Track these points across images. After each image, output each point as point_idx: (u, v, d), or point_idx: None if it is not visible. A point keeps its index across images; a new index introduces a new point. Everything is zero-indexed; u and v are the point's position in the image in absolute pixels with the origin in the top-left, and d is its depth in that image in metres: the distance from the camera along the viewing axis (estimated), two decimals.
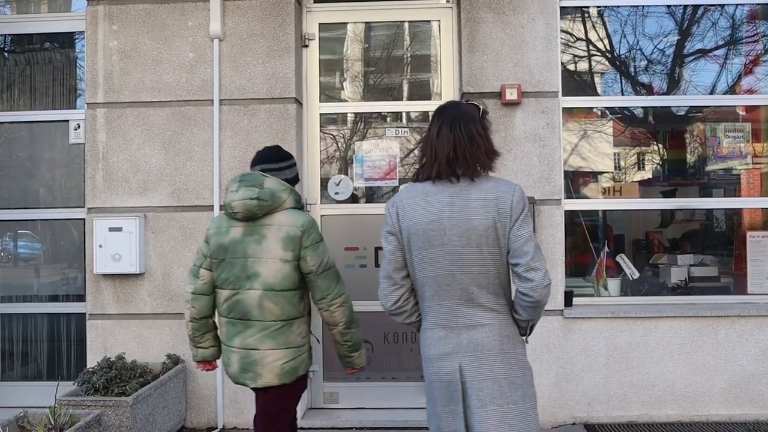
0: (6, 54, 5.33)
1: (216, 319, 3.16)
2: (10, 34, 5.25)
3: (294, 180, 3.18)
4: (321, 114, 5.01)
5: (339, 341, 3.08)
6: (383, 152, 4.93)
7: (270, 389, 2.97)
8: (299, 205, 3.06)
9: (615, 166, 5.47)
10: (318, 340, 3.61)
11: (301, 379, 3.05)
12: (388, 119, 4.98)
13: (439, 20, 4.95)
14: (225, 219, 3.03)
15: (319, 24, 4.99)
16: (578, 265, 5.07)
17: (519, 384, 2.41)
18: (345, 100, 5.15)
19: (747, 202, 5.12)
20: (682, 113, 5.37)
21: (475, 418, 2.35)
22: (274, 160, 3.12)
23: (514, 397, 2.39)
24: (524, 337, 2.51)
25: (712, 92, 5.17)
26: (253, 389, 3.01)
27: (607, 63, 5.34)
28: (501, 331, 2.41)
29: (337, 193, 4.98)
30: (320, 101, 5.01)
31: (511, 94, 4.60)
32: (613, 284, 4.96)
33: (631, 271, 5.01)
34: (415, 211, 2.42)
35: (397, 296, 2.51)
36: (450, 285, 2.39)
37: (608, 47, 5.27)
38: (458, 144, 2.44)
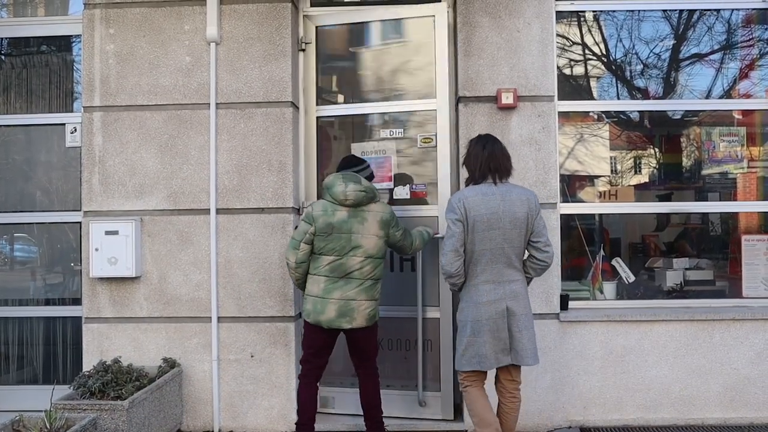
0: (3, 57, 5.34)
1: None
2: (6, 38, 5.26)
3: (371, 177, 4.23)
4: (318, 117, 5.00)
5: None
6: (379, 154, 4.92)
7: (359, 330, 4.02)
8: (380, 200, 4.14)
9: (611, 170, 5.49)
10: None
11: (378, 322, 4.14)
12: (386, 121, 4.97)
13: (434, 18, 4.93)
14: (328, 204, 3.99)
15: (316, 27, 4.99)
16: (574, 268, 5.08)
17: (531, 316, 3.76)
18: (341, 103, 5.15)
19: (742, 206, 5.13)
20: (678, 117, 5.39)
21: (515, 339, 3.65)
22: (356, 164, 4.21)
23: (531, 324, 3.74)
24: None
25: (707, 96, 5.18)
26: (347, 330, 4.00)
27: (603, 67, 5.36)
28: (523, 284, 3.76)
29: None
30: (317, 104, 5.01)
31: (506, 98, 4.61)
32: (609, 288, 4.97)
33: (627, 275, 5.02)
34: (480, 205, 3.62)
35: (459, 264, 3.66)
36: (500, 254, 3.65)
37: (604, 51, 5.29)
38: (500, 159, 3.76)
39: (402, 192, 4.85)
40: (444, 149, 4.70)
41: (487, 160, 3.72)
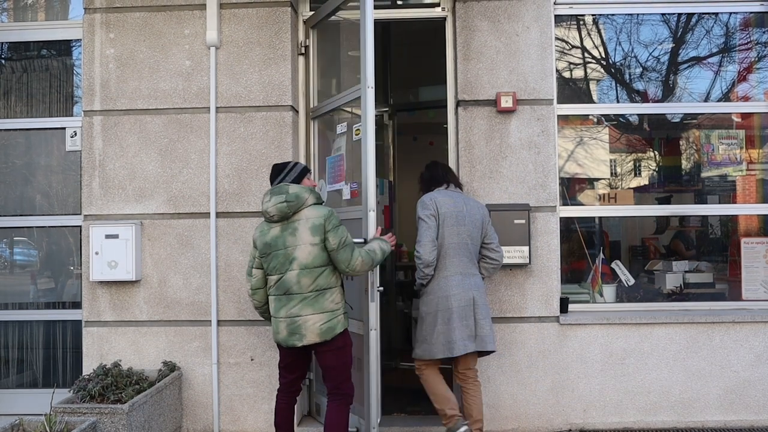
0: (3, 61, 5.35)
1: None
2: (7, 42, 5.26)
3: (300, 176, 3.88)
4: (318, 120, 5.00)
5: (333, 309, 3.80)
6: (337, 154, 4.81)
7: (318, 347, 3.74)
8: (320, 201, 3.82)
9: (610, 173, 5.50)
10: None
11: (341, 336, 3.76)
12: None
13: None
14: (265, 224, 3.82)
15: (316, 31, 5.00)
16: (574, 271, 5.09)
17: (489, 307, 4.19)
18: (340, 107, 5.15)
19: (742, 209, 5.14)
20: (677, 120, 5.40)
21: (480, 326, 4.04)
22: (279, 172, 3.90)
23: (489, 314, 4.15)
24: None
25: (706, 99, 5.19)
26: (308, 347, 3.76)
27: (602, 70, 5.37)
28: (481, 278, 4.20)
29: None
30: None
31: (506, 102, 4.62)
32: (609, 291, 4.98)
33: (627, 278, 5.02)
34: (448, 204, 4.10)
35: (435, 254, 4.03)
36: (465, 249, 4.09)
37: (603, 55, 5.30)
38: (453, 173, 4.41)
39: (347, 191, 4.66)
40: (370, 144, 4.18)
41: (444, 170, 4.36)
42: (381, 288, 4.06)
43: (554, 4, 4.80)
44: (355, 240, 3.89)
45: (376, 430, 3.99)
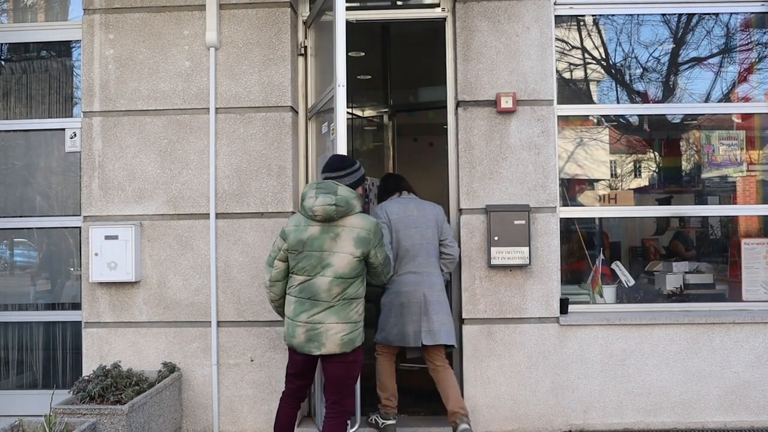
0: (2, 62, 5.35)
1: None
2: (6, 43, 5.26)
3: (357, 183, 3.81)
4: (317, 120, 5.00)
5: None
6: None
7: (332, 357, 3.58)
8: (364, 210, 3.78)
9: (611, 174, 5.50)
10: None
11: (357, 350, 3.66)
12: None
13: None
14: (302, 218, 3.64)
15: (313, 32, 5.00)
16: (574, 272, 5.09)
17: (446, 303, 4.47)
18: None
19: (742, 210, 5.13)
20: (678, 121, 5.40)
21: (432, 321, 4.33)
22: (338, 168, 3.77)
23: (446, 309, 4.44)
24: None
25: (706, 100, 5.19)
26: (320, 357, 3.61)
27: (602, 71, 5.37)
28: (440, 277, 4.49)
29: None
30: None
31: (506, 103, 4.61)
32: (609, 291, 4.97)
33: (627, 279, 5.02)
34: (399, 211, 4.48)
35: (392, 255, 4.31)
36: (420, 249, 4.42)
37: (603, 55, 5.30)
38: (406, 181, 4.74)
39: None
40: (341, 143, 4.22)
41: (396, 180, 4.80)
42: None
43: (554, 4, 4.80)
44: None
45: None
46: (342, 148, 3.92)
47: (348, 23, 4.80)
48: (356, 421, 4.24)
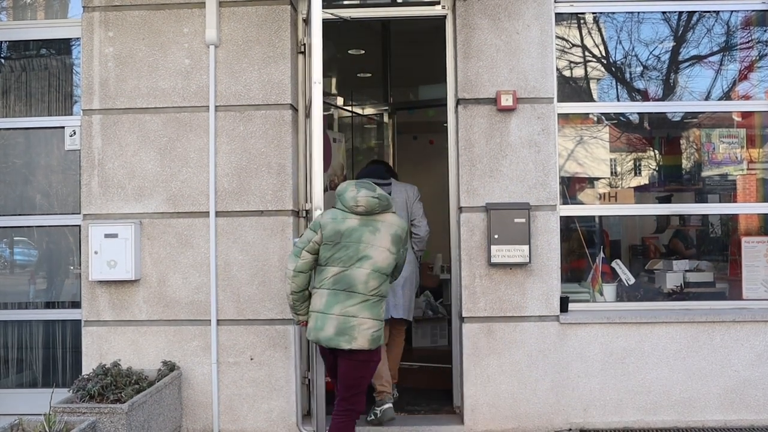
0: (2, 60, 5.34)
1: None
2: (6, 41, 5.25)
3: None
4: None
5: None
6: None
7: (358, 353, 3.56)
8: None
9: (611, 172, 5.49)
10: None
11: (379, 349, 3.71)
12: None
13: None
14: (339, 212, 3.70)
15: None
16: (574, 270, 5.08)
17: (412, 281, 5.05)
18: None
19: (742, 208, 5.13)
20: (678, 119, 5.39)
21: (398, 296, 4.89)
22: (381, 177, 4.65)
23: (412, 286, 5.06)
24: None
25: (707, 98, 5.18)
26: (345, 351, 3.56)
27: (602, 69, 5.36)
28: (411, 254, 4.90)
29: None
30: None
31: (506, 100, 4.61)
32: (609, 290, 4.97)
33: (627, 277, 5.01)
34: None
35: None
36: None
37: (604, 53, 5.29)
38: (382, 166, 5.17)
39: None
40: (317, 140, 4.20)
41: (370, 164, 5.25)
42: None
43: (555, 2, 4.79)
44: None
45: None
46: (318, 144, 3.88)
47: (346, 20, 4.82)
48: None
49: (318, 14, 3.86)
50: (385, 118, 7.85)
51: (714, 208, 5.25)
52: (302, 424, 4.71)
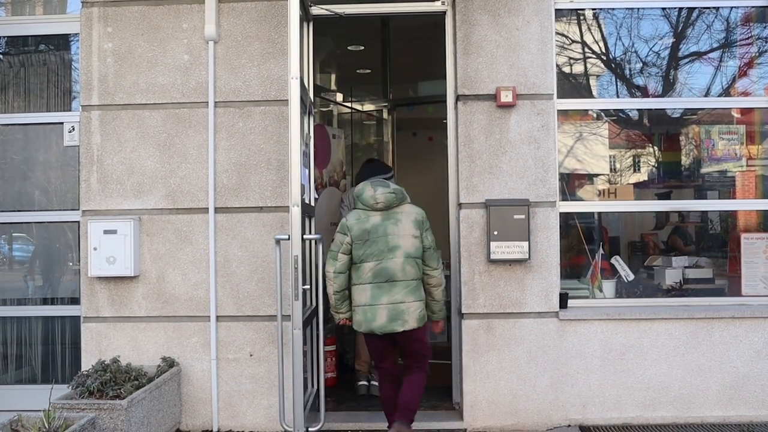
0: (1, 56, 5.32)
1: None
2: (4, 36, 5.24)
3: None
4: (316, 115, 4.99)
5: (433, 299, 4.16)
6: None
7: (411, 332, 4.01)
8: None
9: (610, 168, 5.49)
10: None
11: (427, 322, 4.16)
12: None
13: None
14: (361, 212, 4.09)
15: (314, 26, 4.98)
16: (573, 267, 5.08)
17: None
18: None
19: (741, 204, 5.13)
20: (677, 115, 5.38)
21: None
22: (384, 171, 4.93)
23: None
24: None
25: (706, 95, 5.17)
26: (400, 333, 4.00)
27: (602, 65, 5.35)
28: None
29: None
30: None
31: (506, 97, 4.60)
32: (608, 286, 4.97)
33: (626, 273, 5.02)
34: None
35: None
36: None
37: (603, 49, 5.28)
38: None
39: None
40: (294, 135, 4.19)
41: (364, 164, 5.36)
42: (307, 287, 4.06)
43: None
44: (281, 236, 4.08)
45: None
46: (295, 140, 3.88)
47: (342, 17, 4.81)
48: (320, 419, 4.26)
49: (295, 7, 3.85)
50: (385, 115, 7.84)
51: (713, 205, 5.25)
52: (307, 419, 4.71)
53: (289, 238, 3.88)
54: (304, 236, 4.05)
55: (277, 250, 4.22)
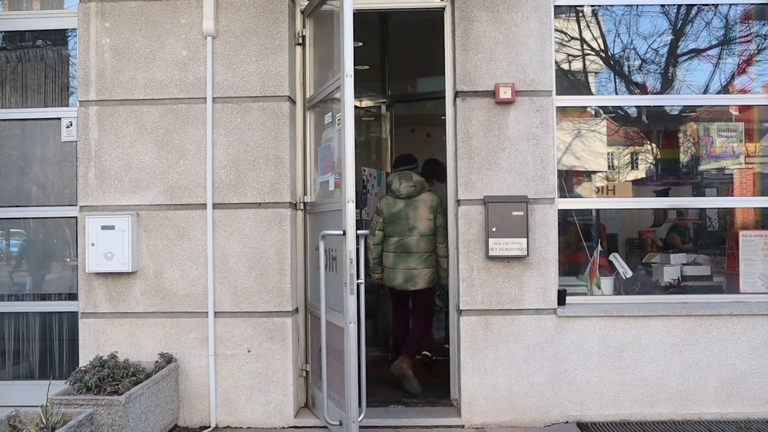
0: None
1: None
2: (1, 31, 5.21)
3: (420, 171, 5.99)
4: (315, 111, 4.98)
5: (441, 266, 5.52)
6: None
7: (421, 291, 5.55)
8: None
9: (608, 165, 5.48)
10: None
11: (435, 285, 5.64)
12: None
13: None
14: (391, 199, 5.56)
15: (312, 21, 4.97)
16: (571, 263, 5.08)
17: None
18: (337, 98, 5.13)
19: (740, 202, 5.13)
20: (676, 113, 5.38)
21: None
22: (410, 162, 5.76)
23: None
24: None
25: (705, 92, 5.17)
26: (412, 291, 5.56)
27: (601, 62, 5.35)
28: None
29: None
30: None
31: (504, 93, 4.60)
32: (606, 283, 4.97)
33: (624, 270, 5.02)
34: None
35: None
36: None
37: (602, 46, 5.27)
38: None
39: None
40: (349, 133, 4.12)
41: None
42: (361, 281, 3.98)
43: None
44: (333, 232, 3.99)
45: (356, 425, 3.94)
46: (350, 138, 3.87)
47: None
48: (362, 410, 4.15)
49: (349, 2, 3.84)
50: (383, 111, 7.83)
51: (711, 202, 5.25)
52: (300, 416, 4.72)
53: (344, 234, 3.87)
54: (359, 232, 3.99)
55: (322, 245, 4.28)
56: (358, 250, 3.88)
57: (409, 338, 5.59)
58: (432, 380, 5.50)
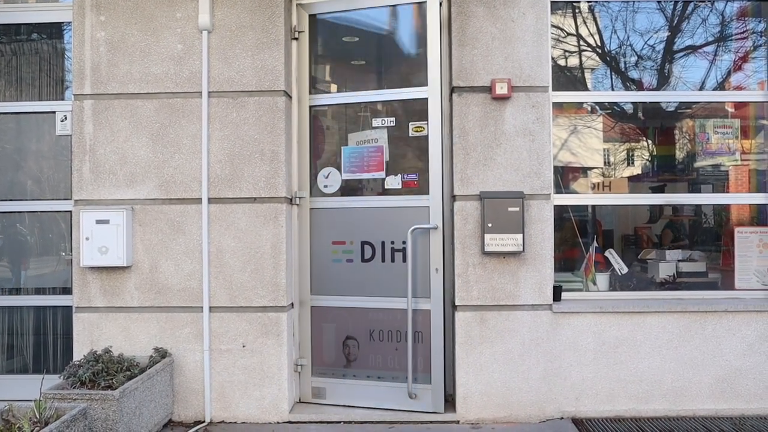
0: None
1: None
2: None
3: None
4: (311, 107, 4.97)
5: None
6: (371, 144, 4.90)
7: None
8: None
9: (604, 162, 5.49)
10: None
11: None
12: (378, 109, 4.97)
13: (425, 4, 4.90)
14: None
15: (309, 16, 4.96)
16: (567, 259, 5.08)
17: None
18: (334, 92, 5.12)
19: (735, 198, 5.14)
20: (672, 109, 5.39)
21: None
22: None
23: None
24: None
25: (701, 88, 5.18)
26: None
27: (597, 58, 5.34)
28: None
29: (326, 186, 4.96)
30: (310, 93, 4.97)
31: (501, 89, 4.59)
32: (602, 279, 4.98)
33: (620, 266, 5.02)
34: None
35: None
36: None
37: (599, 42, 5.27)
38: None
39: (393, 182, 4.82)
40: (435, 138, 4.66)
41: None
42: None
43: None
44: (424, 226, 4.61)
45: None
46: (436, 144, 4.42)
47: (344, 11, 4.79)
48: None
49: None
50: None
51: (707, 199, 5.26)
52: (295, 411, 4.71)
53: (437, 228, 4.58)
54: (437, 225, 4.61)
55: (410, 238, 4.61)
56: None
57: None
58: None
